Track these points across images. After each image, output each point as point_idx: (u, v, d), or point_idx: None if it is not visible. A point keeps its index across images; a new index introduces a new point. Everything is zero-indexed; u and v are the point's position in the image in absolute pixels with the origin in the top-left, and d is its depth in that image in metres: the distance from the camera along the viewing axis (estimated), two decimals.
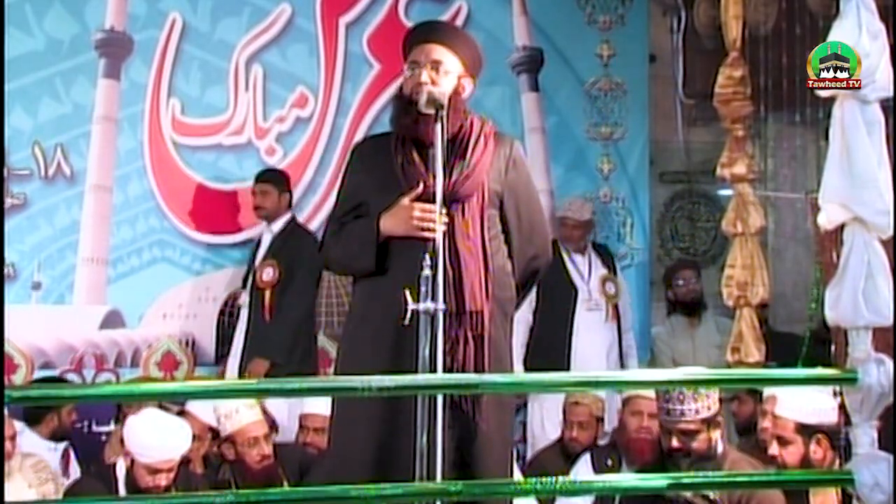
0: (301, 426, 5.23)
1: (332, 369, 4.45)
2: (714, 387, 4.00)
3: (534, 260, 3.53)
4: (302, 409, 5.29)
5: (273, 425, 5.12)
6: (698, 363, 6.10)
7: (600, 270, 6.31)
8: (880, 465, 2.80)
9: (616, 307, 6.27)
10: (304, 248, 6.01)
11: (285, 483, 4.65)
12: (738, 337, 5.52)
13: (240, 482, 4.61)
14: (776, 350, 5.68)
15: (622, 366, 6.16)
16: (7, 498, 4.27)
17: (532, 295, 6.11)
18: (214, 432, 4.96)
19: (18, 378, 6.15)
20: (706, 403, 3.98)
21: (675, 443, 3.99)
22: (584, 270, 6.29)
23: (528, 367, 6.05)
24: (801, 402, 3.97)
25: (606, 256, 6.43)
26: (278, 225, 6.21)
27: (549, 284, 6.15)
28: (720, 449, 4.04)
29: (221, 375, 6.22)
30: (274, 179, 6.28)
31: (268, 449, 4.68)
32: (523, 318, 6.19)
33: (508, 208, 3.45)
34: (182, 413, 4.89)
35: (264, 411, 4.95)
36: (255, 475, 4.59)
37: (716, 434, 4.03)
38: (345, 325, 3.61)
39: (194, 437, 4.56)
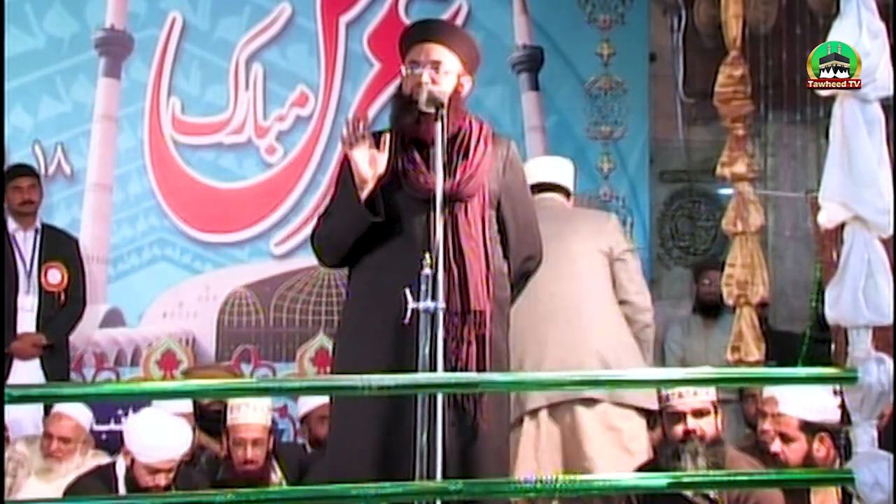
0: (306, 421, 5.21)
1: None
2: (714, 386, 3.99)
3: (527, 261, 3.54)
4: (300, 410, 5.28)
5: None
6: (710, 364, 6.07)
7: None
8: (880, 463, 2.79)
9: None
10: (74, 247, 5.87)
11: (284, 482, 4.64)
12: (738, 336, 5.51)
13: (229, 480, 4.56)
14: (776, 349, 5.67)
15: None
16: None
17: None
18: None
19: None
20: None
21: (690, 424, 3.88)
22: None
23: None
24: (806, 400, 3.95)
25: None
26: (38, 223, 5.82)
27: None
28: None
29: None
30: (35, 173, 5.92)
31: (254, 453, 4.57)
32: None
33: (505, 209, 3.45)
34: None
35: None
36: (237, 475, 4.55)
37: (719, 421, 4.00)
38: (341, 323, 3.60)
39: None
